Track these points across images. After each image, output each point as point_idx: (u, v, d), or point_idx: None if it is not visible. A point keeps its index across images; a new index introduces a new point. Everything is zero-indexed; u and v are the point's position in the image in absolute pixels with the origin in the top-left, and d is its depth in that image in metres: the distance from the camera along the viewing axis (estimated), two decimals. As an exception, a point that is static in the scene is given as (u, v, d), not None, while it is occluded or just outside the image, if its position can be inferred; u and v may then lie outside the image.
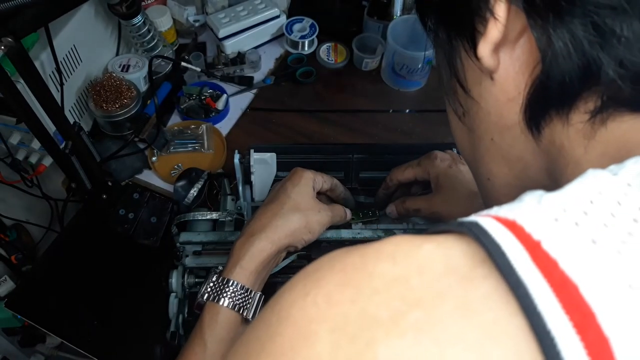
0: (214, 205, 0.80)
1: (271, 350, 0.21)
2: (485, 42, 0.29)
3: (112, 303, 0.75)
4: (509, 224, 0.21)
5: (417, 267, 0.21)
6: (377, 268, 0.22)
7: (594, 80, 0.26)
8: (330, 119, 0.96)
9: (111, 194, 0.81)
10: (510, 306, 0.19)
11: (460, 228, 0.22)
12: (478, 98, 0.33)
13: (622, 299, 0.18)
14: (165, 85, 0.94)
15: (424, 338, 0.19)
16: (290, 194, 0.59)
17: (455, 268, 0.21)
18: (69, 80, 0.82)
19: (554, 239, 0.20)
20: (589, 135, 0.27)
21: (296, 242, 0.57)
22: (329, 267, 0.23)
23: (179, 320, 0.63)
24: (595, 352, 0.17)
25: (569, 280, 0.19)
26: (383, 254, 0.22)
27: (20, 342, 1.05)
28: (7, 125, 0.79)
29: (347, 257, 0.23)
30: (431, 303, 0.20)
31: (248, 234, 0.56)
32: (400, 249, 0.22)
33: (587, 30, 0.25)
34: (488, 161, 0.36)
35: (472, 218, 0.22)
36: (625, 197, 0.22)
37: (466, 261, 0.21)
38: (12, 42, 0.53)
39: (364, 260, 0.22)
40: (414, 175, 0.66)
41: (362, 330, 0.20)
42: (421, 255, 0.22)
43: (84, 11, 0.83)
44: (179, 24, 1.04)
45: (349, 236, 0.64)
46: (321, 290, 0.22)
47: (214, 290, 0.53)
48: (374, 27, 1.03)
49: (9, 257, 0.98)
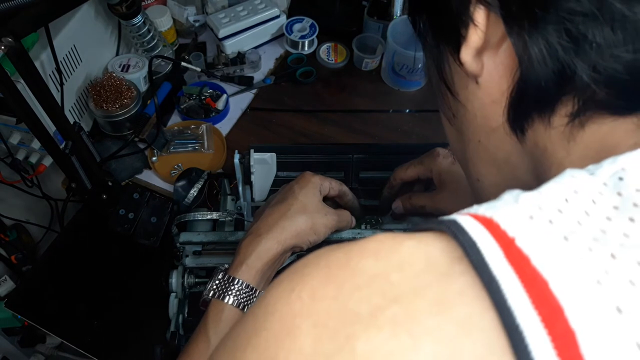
0: (214, 205, 0.80)
1: (257, 343, 0.22)
2: (467, 47, 0.30)
3: (112, 303, 0.75)
4: (486, 222, 0.22)
5: (397, 263, 0.22)
6: (360, 264, 0.22)
7: (570, 84, 0.26)
8: (330, 119, 0.96)
9: (111, 194, 0.81)
10: (483, 301, 0.20)
11: (440, 226, 0.23)
12: (465, 101, 0.34)
13: (589, 295, 0.19)
14: (165, 85, 0.94)
15: (401, 332, 0.19)
16: (297, 196, 0.60)
17: (434, 264, 0.22)
18: (69, 80, 0.83)
19: (527, 236, 0.21)
20: (570, 138, 0.28)
21: (302, 243, 0.58)
22: (315, 264, 0.24)
23: (179, 320, 0.63)
24: (562, 345, 0.18)
25: (539, 276, 0.19)
26: (366, 251, 0.23)
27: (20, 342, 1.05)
28: (7, 125, 0.79)
29: (332, 254, 0.24)
30: (409, 298, 0.20)
31: (255, 234, 0.57)
32: (383, 246, 0.23)
33: (560, 36, 0.25)
34: (476, 162, 0.36)
35: (451, 216, 0.23)
36: (601, 196, 0.23)
37: (445, 258, 0.22)
38: (12, 42, 0.53)
39: (348, 257, 0.23)
40: (417, 173, 0.66)
41: (342, 325, 0.20)
42: (402, 252, 0.22)
43: (84, 11, 0.83)
44: (179, 24, 1.04)
45: (349, 236, 0.64)
46: (306, 285, 0.23)
47: (220, 288, 0.54)
48: (374, 27, 1.03)
49: (9, 257, 0.98)
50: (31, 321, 0.75)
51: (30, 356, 1.07)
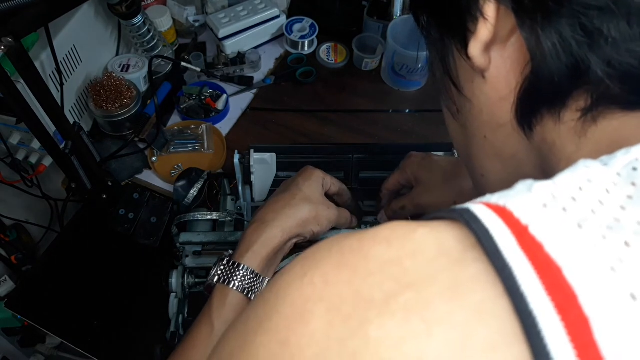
0: (214, 206, 0.80)
1: (268, 327, 0.22)
2: (475, 42, 0.29)
3: (112, 303, 0.75)
4: (499, 210, 0.22)
5: (410, 249, 0.22)
6: (373, 250, 0.22)
7: (583, 79, 0.26)
8: (330, 119, 0.96)
9: (111, 194, 0.81)
10: (496, 288, 0.20)
11: (453, 214, 0.23)
12: (470, 96, 0.33)
13: (603, 281, 0.19)
14: (165, 85, 0.94)
15: (413, 317, 0.19)
16: (301, 187, 0.60)
17: (447, 251, 0.21)
18: (69, 80, 0.82)
19: (541, 223, 0.21)
20: (581, 133, 0.28)
21: (305, 233, 0.59)
22: (327, 249, 0.24)
23: (179, 320, 0.63)
24: (576, 331, 0.18)
25: (553, 263, 0.19)
26: (379, 237, 0.23)
27: (20, 342, 1.05)
28: (7, 125, 0.79)
29: (345, 240, 0.24)
30: (422, 284, 0.20)
31: (260, 221, 0.57)
32: (396, 233, 0.23)
33: (575, 30, 0.25)
34: (481, 158, 0.36)
35: (464, 205, 0.23)
36: (614, 186, 0.22)
37: (457, 245, 0.22)
38: (12, 42, 0.53)
39: (361, 243, 0.23)
40: (398, 180, 0.67)
41: (356, 311, 0.20)
42: (415, 239, 0.22)
43: (84, 11, 0.83)
44: (179, 24, 1.04)
45: (348, 236, 0.64)
46: (318, 270, 0.23)
47: (225, 273, 0.54)
48: (374, 27, 1.03)
49: (9, 257, 0.98)
50: (31, 321, 0.75)
51: (30, 356, 1.07)
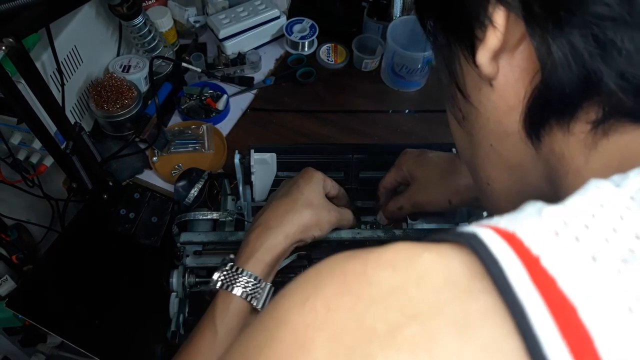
0: (214, 205, 0.80)
1: (268, 356, 0.21)
2: (483, 50, 0.28)
3: (113, 303, 0.76)
4: (508, 237, 0.21)
5: (416, 276, 0.21)
6: (377, 275, 0.21)
7: (594, 91, 0.25)
8: (330, 119, 0.96)
9: (112, 194, 0.81)
10: (506, 324, 0.19)
11: (459, 238, 0.22)
12: (477, 104, 0.32)
13: (621, 324, 0.18)
14: (166, 85, 0.94)
15: (420, 353, 0.19)
16: (302, 191, 0.60)
17: (454, 280, 0.21)
18: (70, 80, 0.83)
19: (553, 254, 0.20)
20: (591, 146, 0.27)
21: (306, 238, 0.58)
22: (329, 272, 0.23)
23: (180, 319, 0.63)
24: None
25: (567, 301, 0.18)
26: (383, 262, 0.22)
27: (21, 342, 1.05)
28: (8, 126, 0.79)
29: (347, 262, 0.23)
30: (428, 316, 0.20)
31: (263, 226, 0.57)
32: (401, 257, 0.22)
33: (587, 41, 0.24)
34: (487, 166, 0.35)
35: (471, 229, 0.22)
36: (628, 211, 0.21)
37: (465, 273, 0.21)
38: (13, 42, 0.53)
39: (365, 266, 0.22)
40: (395, 178, 0.66)
41: (359, 342, 0.20)
42: (421, 265, 0.21)
43: (85, 12, 0.83)
44: (180, 25, 1.04)
45: (348, 236, 0.64)
46: (320, 295, 0.22)
47: (227, 279, 0.54)
48: (373, 27, 1.03)
49: (10, 256, 0.98)
50: (32, 321, 0.75)
51: (31, 356, 1.08)
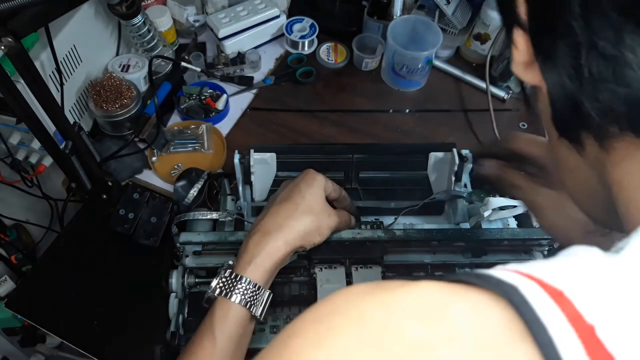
0: (214, 205, 0.80)
1: None
2: (514, 62, 0.30)
3: (112, 303, 0.75)
4: (556, 295, 0.18)
5: (446, 333, 0.19)
6: (401, 326, 0.19)
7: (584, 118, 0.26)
8: (330, 119, 0.96)
9: (111, 194, 0.81)
10: None
11: (498, 289, 0.19)
12: (539, 110, 0.33)
13: None
14: (165, 85, 0.94)
15: None
16: (304, 195, 0.59)
17: (491, 342, 0.18)
18: (69, 80, 0.82)
19: (611, 325, 0.17)
20: (623, 155, 0.26)
21: (306, 244, 0.57)
22: (345, 313, 0.20)
23: (179, 320, 0.63)
24: None
25: None
26: (408, 310, 0.20)
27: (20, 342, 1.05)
28: (7, 125, 0.79)
29: (365, 303, 0.21)
30: None
31: (262, 232, 0.56)
32: (428, 306, 0.20)
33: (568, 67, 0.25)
34: (558, 169, 0.35)
35: (512, 280, 0.19)
36: None
37: (503, 332, 0.18)
38: (12, 42, 0.53)
39: (387, 313, 0.20)
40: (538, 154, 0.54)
41: None
42: (452, 318, 0.19)
43: (84, 11, 0.83)
44: (179, 24, 1.04)
45: (348, 236, 0.64)
46: (336, 343, 0.19)
47: (226, 286, 0.53)
48: (374, 27, 1.03)
49: (9, 257, 0.98)
50: (31, 321, 0.75)
51: (31, 356, 1.07)
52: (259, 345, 0.63)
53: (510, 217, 0.71)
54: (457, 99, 1.00)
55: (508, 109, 0.98)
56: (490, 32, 0.97)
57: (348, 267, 0.64)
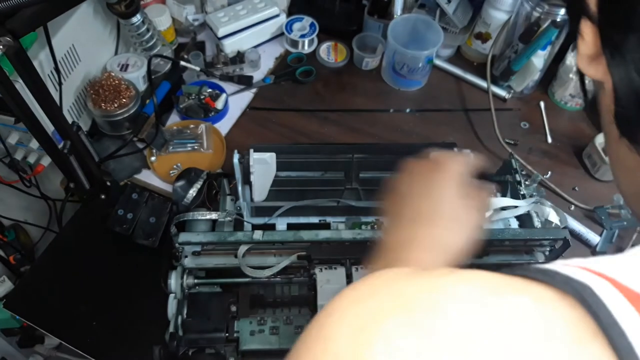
0: (213, 206, 0.80)
1: None
2: (579, 55, 0.29)
3: (111, 303, 0.75)
4: (633, 299, 0.17)
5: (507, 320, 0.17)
6: (450, 312, 0.18)
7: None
8: (330, 118, 0.96)
9: (110, 194, 0.80)
10: None
11: (567, 287, 0.18)
12: (600, 107, 0.32)
13: None
14: (164, 84, 0.93)
15: None
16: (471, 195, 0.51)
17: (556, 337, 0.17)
18: (67, 79, 0.82)
19: None
20: None
21: None
22: (387, 293, 0.20)
23: (178, 321, 0.63)
24: None
25: None
26: (457, 296, 0.18)
27: (18, 343, 1.04)
28: (5, 125, 0.79)
29: (407, 286, 0.19)
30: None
31: None
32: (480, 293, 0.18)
33: None
34: (614, 168, 0.35)
35: (582, 278, 0.18)
36: None
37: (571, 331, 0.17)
38: (11, 41, 0.52)
39: (433, 298, 0.19)
40: None
41: None
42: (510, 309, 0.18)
43: (82, 10, 0.83)
44: (178, 23, 1.04)
45: (349, 236, 0.64)
46: (379, 327, 0.18)
47: None
48: (374, 26, 1.03)
49: (8, 257, 0.98)
50: (30, 322, 0.74)
51: (29, 357, 1.07)
52: (259, 347, 0.62)
53: (512, 217, 0.71)
54: (457, 98, 1.00)
55: (509, 109, 0.98)
56: (491, 31, 0.97)
57: (348, 268, 0.64)
